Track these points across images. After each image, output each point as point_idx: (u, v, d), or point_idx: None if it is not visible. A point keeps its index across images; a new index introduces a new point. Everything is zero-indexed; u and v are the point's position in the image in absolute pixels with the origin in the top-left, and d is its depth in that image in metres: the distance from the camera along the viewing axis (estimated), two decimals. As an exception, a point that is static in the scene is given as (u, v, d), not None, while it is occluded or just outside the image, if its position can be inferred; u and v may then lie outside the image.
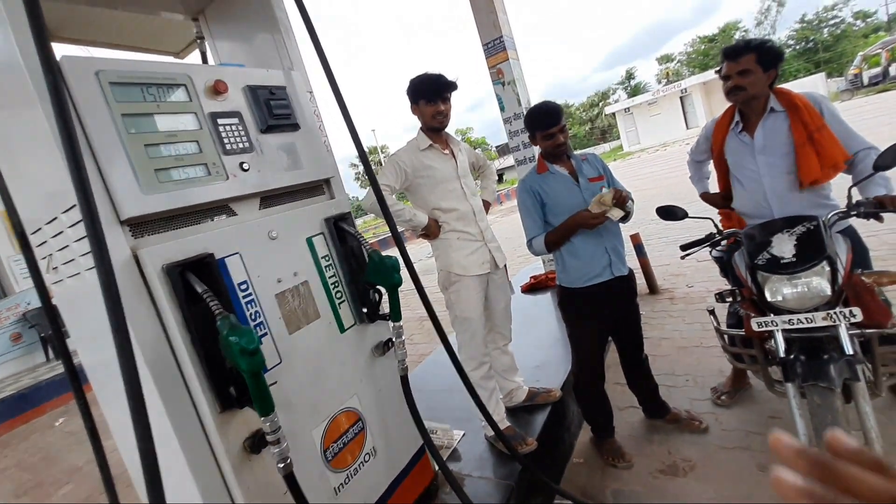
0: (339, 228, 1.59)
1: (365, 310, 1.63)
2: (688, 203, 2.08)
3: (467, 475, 1.95)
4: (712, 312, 1.96)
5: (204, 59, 1.99)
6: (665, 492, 1.91)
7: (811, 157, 1.75)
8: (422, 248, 11.21)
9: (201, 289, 1.10)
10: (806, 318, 1.48)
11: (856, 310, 1.41)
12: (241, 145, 1.34)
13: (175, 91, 1.23)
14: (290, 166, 1.49)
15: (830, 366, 1.42)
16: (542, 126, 1.97)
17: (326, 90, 1.57)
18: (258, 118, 1.41)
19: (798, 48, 36.25)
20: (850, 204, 1.63)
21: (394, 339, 1.61)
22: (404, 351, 1.62)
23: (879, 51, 22.20)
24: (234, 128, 1.33)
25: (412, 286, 1.66)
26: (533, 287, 4.48)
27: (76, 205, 1.08)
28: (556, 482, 2.08)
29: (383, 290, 1.61)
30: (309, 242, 1.50)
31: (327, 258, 1.55)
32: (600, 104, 43.89)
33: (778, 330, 1.54)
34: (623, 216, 1.87)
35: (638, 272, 3.97)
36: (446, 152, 2.16)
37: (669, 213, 2.00)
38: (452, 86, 2.07)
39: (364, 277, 1.61)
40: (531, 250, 2.10)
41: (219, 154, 1.28)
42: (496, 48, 4.28)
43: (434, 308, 1.67)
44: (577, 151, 2.10)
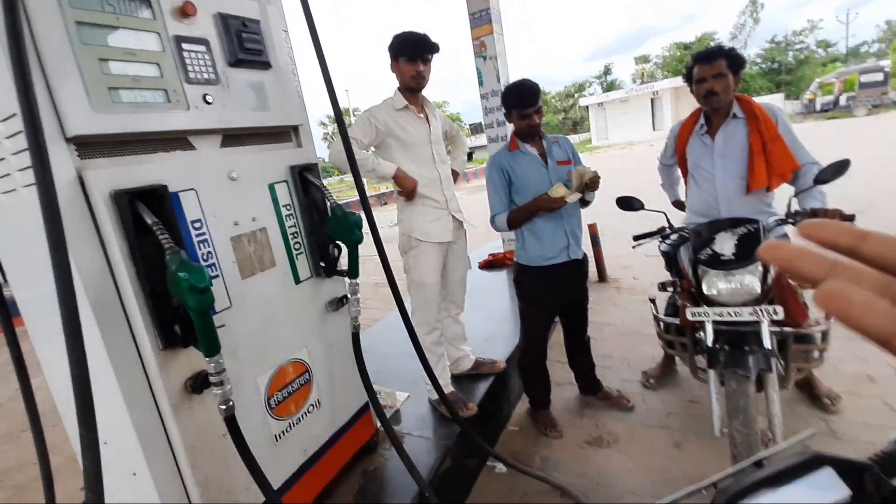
0: (304, 179, 1.55)
1: (323, 264, 1.61)
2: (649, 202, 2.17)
3: (407, 433, 2.01)
4: (653, 301, 2.09)
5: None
6: (589, 461, 2.06)
7: (762, 166, 1.88)
8: (385, 216, 11.09)
9: (151, 220, 1.05)
10: (735, 312, 1.61)
11: (779, 308, 1.55)
12: (206, 76, 1.27)
13: (138, 6, 1.13)
14: (258, 107, 1.43)
15: (749, 357, 1.57)
16: (519, 105, 1.98)
17: (303, 32, 1.49)
18: (227, 49, 1.33)
19: (764, 67, 37.89)
20: (789, 212, 1.77)
21: (349, 296, 1.61)
22: (358, 309, 1.62)
23: (834, 80, 23.60)
24: (200, 56, 1.25)
25: (370, 252, 1.65)
26: (491, 264, 4.57)
27: (16, 114, 1.00)
28: (491, 446, 2.19)
29: (343, 246, 1.60)
30: (271, 189, 1.46)
31: (289, 207, 1.52)
32: (576, 95, 44.28)
33: (709, 321, 1.67)
34: (581, 199, 1.94)
35: (591, 260, 4.13)
36: (421, 116, 2.13)
37: (627, 204, 2.09)
38: (435, 47, 2.02)
39: (325, 231, 1.58)
40: (493, 226, 2.14)
41: (181, 81, 1.21)
42: (482, 20, 4.21)
43: (392, 274, 1.68)
44: (550, 135, 2.14)
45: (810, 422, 2.02)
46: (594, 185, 1.91)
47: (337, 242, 1.62)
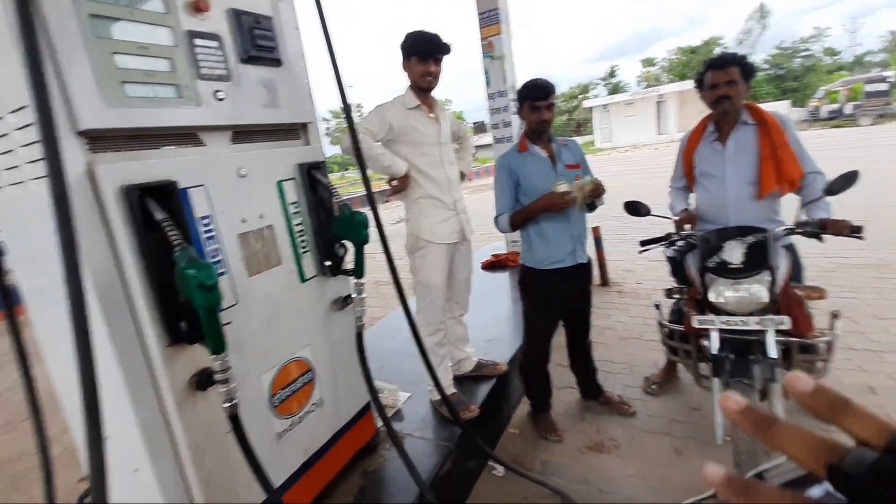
0: (312, 177, 1.54)
1: (328, 263, 1.60)
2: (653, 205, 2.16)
3: (408, 434, 2.01)
4: (658, 307, 2.08)
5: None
6: (589, 466, 2.05)
7: (772, 171, 1.87)
8: (389, 214, 11.08)
9: (161, 216, 1.05)
10: (741, 321, 1.61)
11: (786, 318, 1.54)
12: (218, 72, 1.26)
13: (151, -1, 1.13)
14: (269, 104, 1.42)
15: (755, 366, 1.56)
16: (532, 97, 1.98)
17: (315, 33, 1.48)
18: (239, 46, 1.32)
19: (771, 73, 37.77)
20: (798, 222, 1.76)
21: (354, 296, 1.60)
22: (363, 308, 1.62)
23: (840, 88, 23.51)
24: (213, 51, 1.24)
25: (372, 249, 1.64)
26: (493, 265, 4.57)
27: (27, 106, 0.99)
28: (492, 448, 2.18)
29: (349, 246, 1.59)
30: (279, 186, 1.45)
31: (296, 205, 1.51)
32: (580, 97, 44.17)
33: (715, 329, 1.66)
34: (589, 205, 1.94)
35: (593, 263, 4.12)
36: (432, 116, 2.12)
37: (635, 209, 2.08)
38: (446, 48, 2.02)
39: (331, 230, 1.58)
40: (497, 226, 2.14)
41: (192, 77, 1.20)
42: (491, 19, 4.19)
43: (397, 273, 1.67)
44: (559, 137, 2.13)
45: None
46: (598, 193, 1.91)
47: (343, 242, 1.61)
